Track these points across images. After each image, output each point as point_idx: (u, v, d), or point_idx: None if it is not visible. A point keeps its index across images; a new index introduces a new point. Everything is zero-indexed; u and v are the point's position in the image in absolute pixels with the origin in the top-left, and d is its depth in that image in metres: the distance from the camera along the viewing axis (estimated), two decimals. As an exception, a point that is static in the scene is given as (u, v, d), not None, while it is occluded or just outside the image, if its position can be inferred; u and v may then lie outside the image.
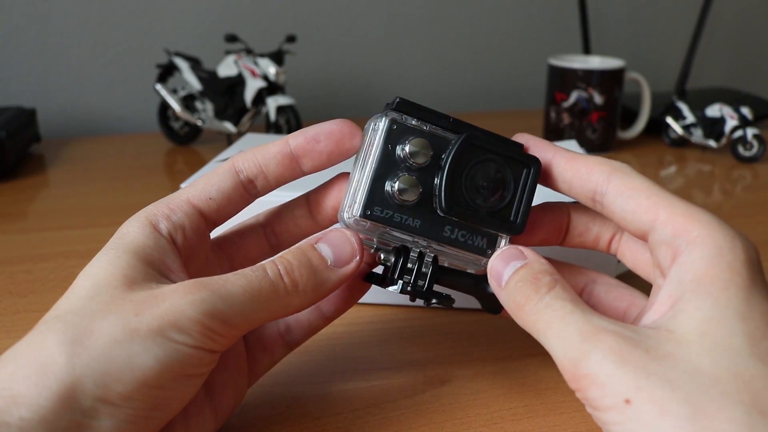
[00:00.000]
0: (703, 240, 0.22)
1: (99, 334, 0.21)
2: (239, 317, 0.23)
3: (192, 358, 0.22)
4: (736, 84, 1.10)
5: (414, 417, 0.30)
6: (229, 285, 0.23)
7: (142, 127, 0.86)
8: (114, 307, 0.22)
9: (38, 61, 0.80)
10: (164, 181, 0.64)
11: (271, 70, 0.69)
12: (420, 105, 0.26)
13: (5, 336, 0.37)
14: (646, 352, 0.20)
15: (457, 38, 0.96)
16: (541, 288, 0.24)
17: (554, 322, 0.22)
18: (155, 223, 0.25)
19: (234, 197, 0.27)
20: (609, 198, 0.25)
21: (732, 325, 0.20)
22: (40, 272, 0.44)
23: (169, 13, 0.83)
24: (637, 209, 0.24)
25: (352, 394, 0.32)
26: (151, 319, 0.22)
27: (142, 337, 0.21)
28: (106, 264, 0.24)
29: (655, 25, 1.04)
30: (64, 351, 0.21)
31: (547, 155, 0.27)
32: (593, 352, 0.21)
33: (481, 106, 1.00)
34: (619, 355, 0.20)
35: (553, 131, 0.75)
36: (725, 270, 0.21)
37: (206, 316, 0.22)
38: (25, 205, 0.58)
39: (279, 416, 0.30)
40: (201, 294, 0.22)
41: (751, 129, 0.70)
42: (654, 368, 0.20)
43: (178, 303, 0.22)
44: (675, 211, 0.23)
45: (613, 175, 0.25)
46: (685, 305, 0.21)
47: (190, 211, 0.26)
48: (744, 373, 0.19)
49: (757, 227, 0.54)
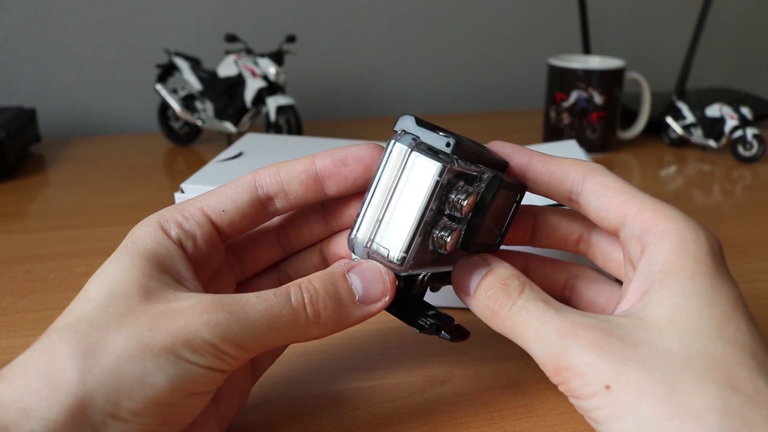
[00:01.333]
0: (669, 233, 0.23)
1: (112, 348, 0.21)
2: (254, 342, 0.23)
3: (203, 378, 0.22)
4: (736, 84, 1.10)
5: (414, 417, 0.30)
6: (249, 308, 0.22)
7: (142, 127, 0.86)
8: (128, 319, 0.21)
9: (38, 61, 0.80)
10: (164, 181, 0.64)
11: (271, 70, 0.69)
12: (467, 143, 0.24)
13: (5, 336, 0.37)
14: (621, 340, 0.21)
15: (458, 39, 0.96)
16: (511, 293, 0.24)
17: (531, 323, 0.23)
18: (166, 229, 0.25)
19: (249, 213, 0.26)
20: (584, 196, 0.26)
21: (700, 311, 0.21)
22: (40, 272, 0.44)
23: (169, 13, 0.83)
24: (610, 206, 0.25)
25: (352, 394, 0.32)
26: (165, 336, 0.21)
27: (155, 355, 0.21)
28: (122, 271, 0.23)
29: (655, 25, 1.04)
30: (76, 364, 0.20)
31: (523, 159, 0.27)
32: (572, 346, 0.22)
33: (481, 106, 1.00)
34: (596, 346, 0.21)
35: (553, 131, 0.75)
36: (690, 260, 0.22)
37: (220, 339, 0.22)
38: (25, 205, 0.58)
39: (279, 416, 0.30)
40: (217, 316, 0.22)
41: (751, 129, 0.70)
42: (630, 354, 0.21)
43: (194, 323, 0.21)
44: (644, 207, 0.24)
45: (588, 174, 0.26)
46: (655, 295, 0.22)
47: (203, 220, 0.26)
48: (714, 354, 0.20)
49: (757, 227, 0.54)
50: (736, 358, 0.20)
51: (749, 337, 0.21)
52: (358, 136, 0.76)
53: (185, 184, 0.39)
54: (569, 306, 0.24)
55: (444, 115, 0.94)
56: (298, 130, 0.69)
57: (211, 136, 0.79)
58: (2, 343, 0.36)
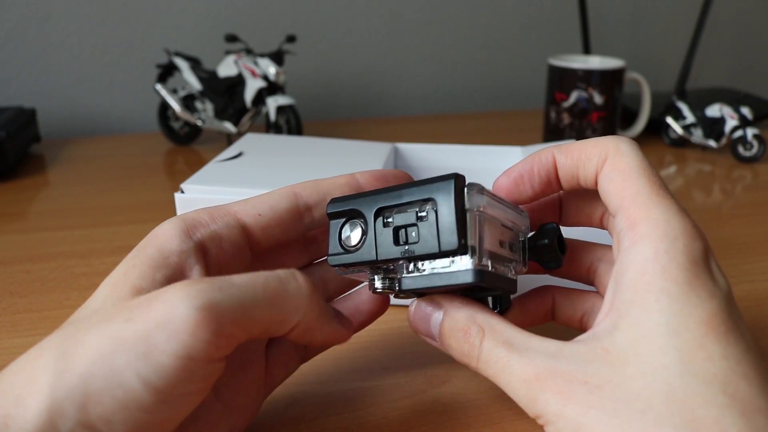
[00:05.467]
0: (642, 239, 0.22)
1: (86, 348, 0.19)
2: (240, 311, 0.20)
3: (177, 372, 0.19)
4: (736, 84, 1.10)
5: (414, 417, 0.30)
6: (233, 278, 0.21)
7: (142, 127, 0.86)
8: (110, 316, 0.20)
9: (38, 61, 0.80)
10: (164, 181, 0.64)
11: (271, 70, 0.69)
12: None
13: (5, 336, 0.37)
14: (585, 384, 0.21)
15: (457, 38, 0.96)
16: (474, 342, 0.24)
17: (498, 375, 0.23)
18: (190, 228, 0.24)
19: (286, 219, 0.26)
20: (598, 180, 0.25)
21: (664, 343, 0.20)
22: (40, 272, 0.44)
23: (169, 13, 0.83)
24: (612, 191, 0.24)
25: (352, 394, 0.32)
26: (140, 325, 0.19)
27: (127, 348, 0.19)
28: (122, 273, 0.23)
29: (655, 25, 1.04)
30: (51, 368, 0.19)
31: (549, 159, 0.26)
32: (540, 397, 0.22)
33: (481, 106, 1.00)
34: (561, 395, 0.21)
35: (553, 131, 0.75)
36: (658, 277, 0.21)
37: (200, 310, 0.19)
38: (25, 205, 0.58)
39: (279, 416, 0.30)
40: (196, 286, 0.20)
41: (751, 129, 0.70)
42: (593, 401, 0.20)
43: (170, 300, 0.19)
44: (635, 200, 0.23)
45: (609, 155, 0.25)
46: (621, 321, 0.21)
47: (233, 223, 0.25)
48: (677, 393, 0.19)
49: (757, 227, 0.54)
50: (702, 397, 0.19)
51: (720, 366, 0.20)
52: (358, 136, 0.76)
53: (185, 184, 0.39)
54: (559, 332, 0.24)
55: (444, 115, 0.94)
56: (298, 130, 0.69)
57: (211, 136, 0.79)
58: (2, 343, 0.36)
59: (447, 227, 0.23)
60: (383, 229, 0.25)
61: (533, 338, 0.23)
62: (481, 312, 0.25)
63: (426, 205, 0.24)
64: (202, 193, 0.38)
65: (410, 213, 0.24)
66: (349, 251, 0.26)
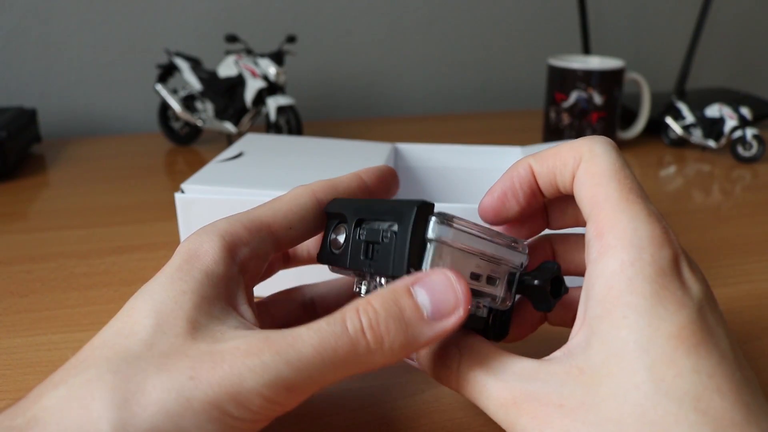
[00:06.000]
0: (608, 250, 0.21)
1: (149, 399, 0.19)
2: (308, 382, 0.20)
3: (245, 431, 0.20)
4: (736, 84, 1.10)
5: (414, 417, 0.30)
6: (299, 344, 0.20)
7: (142, 127, 0.86)
8: (170, 361, 0.20)
9: (39, 61, 0.81)
10: (164, 181, 0.64)
11: (271, 70, 0.69)
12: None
13: (5, 336, 0.37)
14: (560, 407, 0.21)
15: (457, 39, 0.96)
16: (451, 368, 0.24)
17: (476, 399, 0.23)
18: (231, 247, 0.23)
19: (312, 228, 0.27)
20: (573, 185, 0.24)
21: (634, 361, 0.20)
22: (40, 272, 0.44)
23: (169, 13, 0.83)
24: (584, 197, 0.23)
25: (352, 394, 0.32)
26: (206, 388, 0.19)
27: (196, 412, 0.19)
28: (172, 300, 0.21)
29: (655, 25, 1.04)
30: (111, 418, 0.18)
31: (527, 170, 0.26)
32: (518, 421, 0.22)
33: (481, 106, 1.00)
34: (537, 420, 0.21)
35: (552, 131, 0.75)
36: (624, 291, 0.21)
37: (268, 387, 0.19)
38: (26, 205, 0.58)
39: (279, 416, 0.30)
40: (263, 358, 0.19)
41: (751, 129, 0.70)
42: (568, 425, 0.20)
43: (238, 369, 0.19)
44: (604, 207, 0.22)
45: (583, 158, 0.24)
46: (593, 338, 0.21)
47: (268, 238, 0.25)
48: (649, 414, 0.19)
49: (757, 227, 0.54)
50: (674, 416, 0.19)
51: (692, 381, 0.19)
52: (358, 136, 0.76)
53: (185, 185, 0.39)
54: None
55: (444, 115, 0.94)
56: (298, 131, 0.69)
57: (212, 137, 0.79)
58: (2, 343, 0.36)
59: (399, 253, 0.22)
60: (358, 240, 0.25)
61: (510, 359, 0.23)
62: (461, 332, 0.24)
63: (392, 226, 0.23)
64: (202, 193, 0.38)
65: (378, 230, 0.24)
66: (333, 253, 0.26)
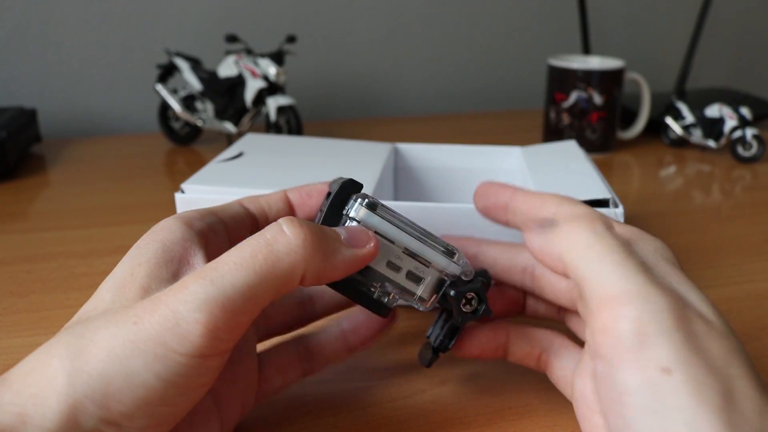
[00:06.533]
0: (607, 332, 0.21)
1: (98, 348, 0.20)
2: (238, 297, 0.21)
3: (196, 369, 0.21)
4: (736, 84, 1.10)
5: (414, 417, 0.30)
6: (221, 264, 0.21)
7: (142, 127, 0.86)
8: (118, 316, 0.21)
9: (39, 61, 0.81)
10: (164, 181, 0.64)
11: (272, 70, 0.69)
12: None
13: (5, 336, 0.37)
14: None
15: (457, 38, 0.96)
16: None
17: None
18: (189, 222, 0.25)
19: (247, 222, 0.28)
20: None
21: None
22: (40, 272, 0.44)
23: (169, 13, 0.83)
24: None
25: (352, 394, 0.32)
26: (149, 328, 0.20)
27: (142, 351, 0.20)
28: (129, 272, 0.23)
29: (655, 25, 1.04)
30: (66, 369, 0.20)
31: (504, 196, 0.28)
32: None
33: (481, 106, 1.00)
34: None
35: (552, 131, 0.75)
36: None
37: (201, 311, 0.20)
38: (26, 205, 0.58)
39: (279, 417, 0.30)
40: (191, 287, 0.21)
41: (751, 129, 0.70)
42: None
43: (173, 304, 0.20)
44: (610, 291, 0.21)
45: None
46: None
47: (218, 220, 0.26)
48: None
49: (757, 227, 0.54)
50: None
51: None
52: (358, 136, 0.76)
53: (185, 185, 0.39)
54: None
55: (444, 115, 0.94)
56: (298, 131, 0.69)
57: (212, 137, 0.79)
58: (2, 343, 0.36)
59: (318, 219, 0.26)
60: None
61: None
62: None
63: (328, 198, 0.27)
64: (202, 193, 0.38)
65: (326, 202, 0.27)
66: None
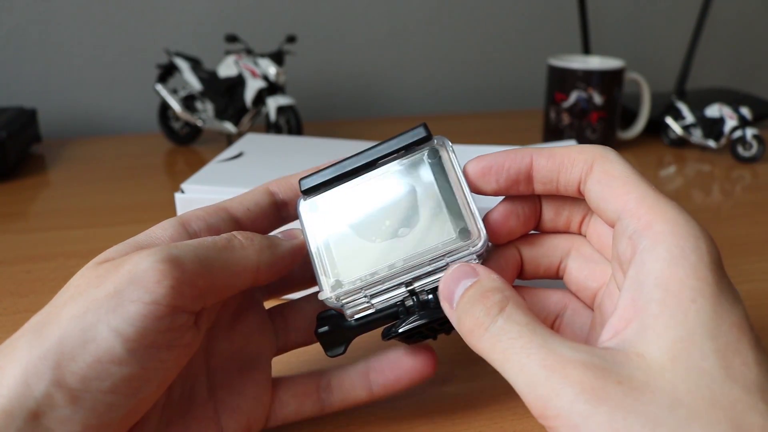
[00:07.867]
0: (665, 237, 0.21)
1: (61, 316, 0.21)
2: (196, 261, 0.23)
3: (152, 321, 0.21)
4: (736, 84, 1.10)
5: (414, 417, 0.30)
6: (189, 241, 0.24)
7: (142, 127, 0.86)
8: (82, 288, 0.22)
9: (39, 61, 0.80)
10: (164, 181, 0.64)
11: (271, 70, 0.69)
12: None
13: (6, 336, 0.37)
14: (620, 384, 0.18)
15: (457, 38, 0.96)
16: (491, 309, 0.21)
17: (512, 353, 0.20)
18: (186, 223, 0.26)
19: (269, 213, 0.29)
20: (588, 185, 0.24)
21: (703, 345, 0.19)
22: (40, 272, 0.44)
23: (169, 13, 0.83)
24: (609, 196, 0.23)
25: (352, 394, 0.32)
26: (109, 284, 0.21)
27: (98, 306, 0.20)
28: (104, 256, 0.24)
29: (655, 25, 1.04)
30: (28, 338, 0.20)
31: (525, 160, 0.26)
32: (562, 390, 0.18)
33: (481, 106, 1.00)
34: (591, 393, 0.18)
35: (552, 131, 0.75)
36: (690, 276, 0.20)
37: (162, 261, 0.21)
38: (26, 205, 0.58)
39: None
40: (153, 249, 0.22)
41: (751, 129, 0.70)
42: (631, 404, 0.18)
43: (136, 260, 0.22)
44: (643, 203, 0.22)
45: (596, 162, 0.24)
46: (653, 321, 0.19)
47: (225, 216, 0.27)
48: (721, 399, 0.18)
49: (757, 227, 0.54)
50: (745, 403, 0.18)
51: (757, 372, 0.18)
52: (358, 136, 0.76)
53: (185, 185, 0.39)
54: (557, 330, 0.23)
55: (444, 115, 0.94)
56: (298, 131, 0.69)
57: (212, 137, 0.79)
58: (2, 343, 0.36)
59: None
60: None
61: (557, 335, 0.20)
62: (514, 292, 0.23)
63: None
64: (202, 193, 0.38)
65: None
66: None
